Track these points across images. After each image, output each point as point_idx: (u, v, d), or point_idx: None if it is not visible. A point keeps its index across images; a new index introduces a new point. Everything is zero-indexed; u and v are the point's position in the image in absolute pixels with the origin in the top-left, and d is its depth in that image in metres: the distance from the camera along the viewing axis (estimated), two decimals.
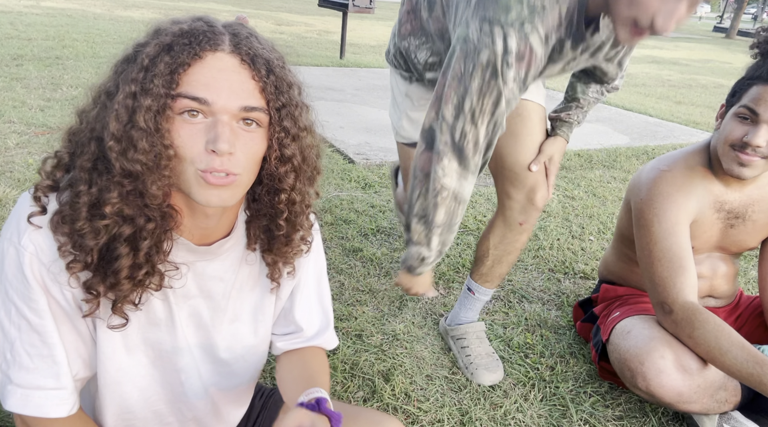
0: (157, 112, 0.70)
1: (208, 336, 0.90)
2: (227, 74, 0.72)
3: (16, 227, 0.73)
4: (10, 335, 0.76)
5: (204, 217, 0.80)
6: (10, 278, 0.74)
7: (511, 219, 1.59)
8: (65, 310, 0.77)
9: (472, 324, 1.79)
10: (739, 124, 1.40)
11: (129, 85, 0.70)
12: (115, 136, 0.70)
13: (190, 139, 0.71)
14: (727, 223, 1.57)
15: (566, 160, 3.90)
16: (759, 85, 1.37)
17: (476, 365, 1.68)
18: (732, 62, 13.00)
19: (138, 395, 0.88)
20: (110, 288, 0.74)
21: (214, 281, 0.87)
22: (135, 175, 0.71)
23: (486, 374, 1.66)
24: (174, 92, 0.70)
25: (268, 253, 0.90)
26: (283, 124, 0.77)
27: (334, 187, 2.99)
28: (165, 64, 0.70)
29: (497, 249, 1.65)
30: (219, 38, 0.73)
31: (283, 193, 0.82)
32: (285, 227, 0.86)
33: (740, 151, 1.40)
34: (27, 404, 0.77)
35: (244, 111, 0.73)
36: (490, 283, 1.73)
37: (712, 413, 1.45)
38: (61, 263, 0.73)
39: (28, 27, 7.09)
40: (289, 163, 0.80)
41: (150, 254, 0.74)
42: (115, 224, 0.71)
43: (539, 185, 1.54)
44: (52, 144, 3.07)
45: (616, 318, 1.63)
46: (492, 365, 1.69)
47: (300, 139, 0.80)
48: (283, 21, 11.61)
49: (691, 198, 1.51)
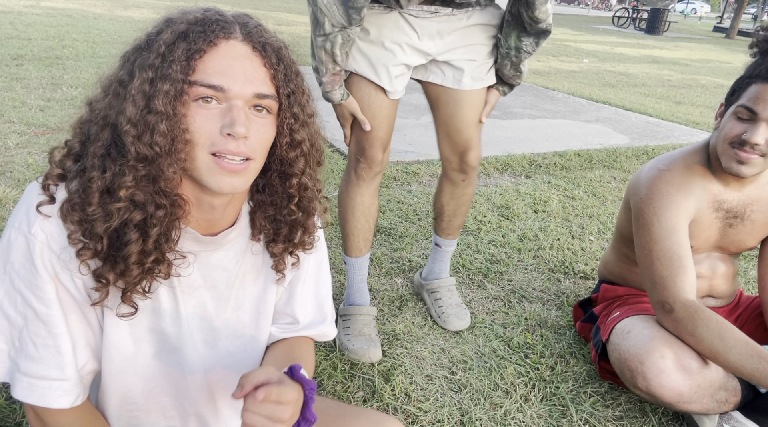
0: (175, 97, 0.71)
1: (212, 327, 0.91)
2: (241, 62, 0.74)
3: (25, 216, 0.74)
4: (17, 324, 0.76)
5: (210, 208, 0.82)
6: (17, 268, 0.74)
7: (453, 177, 1.81)
8: (75, 298, 0.77)
9: (445, 279, 2.02)
10: (738, 122, 1.41)
11: (146, 71, 0.72)
12: (132, 121, 0.71)
13: (206, 123, 0.73)
14: (725, 222, 1.57)
15: (566, 160, 3.90)
16: (757, 84, 1.37)
17: (447, 314, 1.91)
18: (732, 62, 13.00)
19: (142, 385, 0.89)
20: (120, 276, 0.75)
21: (218, 271, 0.88)
22: (150, 160, 0.72)
23: (456, 321, 1.89)
24: (191, 79, 0.72)
25: (273, 243, 0.91)
26: (292, 110, 0.80)
27: (334, 187, 2.99)
28: (182, 51, 0.72)
29: (449, 205, 1.88)
30: (231, 27, 0.76)
31: (294, 178, 0.85)
32: (297, 213, 0.88)
33: (739, 149, 1.41)
34: (31, 394, 0.78)
35: (257, 98, 0.75)
36: (452, 235, 1.97)
37: (712, 413, 1.45)
38: (71, 250, 0.73)
39: (28, 27, 7.09)
40: (299, 148, 0.83)
41: (159, 242, 0.76)
42: (127, 209, 0.72)
43: (471, 147, 1.73)
44: (52, 144, 3.05)
45: (616, 318, 1.63)
46: (461, 314, 1.92)
47: (308, 125, 0.84)
48: (283, 21, 11.61)
49: (690, 197, 1.51)
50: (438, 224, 1.95)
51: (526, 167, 3.69)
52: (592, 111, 5.74)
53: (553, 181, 3.50)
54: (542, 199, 3.16)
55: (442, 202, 1.88)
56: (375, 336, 1.77)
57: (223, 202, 0.82)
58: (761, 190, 1.55)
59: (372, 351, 1.70)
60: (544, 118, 5.21)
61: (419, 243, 2.50)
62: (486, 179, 3.41)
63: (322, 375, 1.62)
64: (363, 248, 1.82)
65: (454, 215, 1.91)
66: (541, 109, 5.61)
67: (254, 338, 0.98)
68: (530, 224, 2.80)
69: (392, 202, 2.89)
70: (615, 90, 6.98)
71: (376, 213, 1.80)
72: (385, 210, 2.79)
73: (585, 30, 18.84)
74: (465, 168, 1.77)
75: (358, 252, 1.83)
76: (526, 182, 3.42)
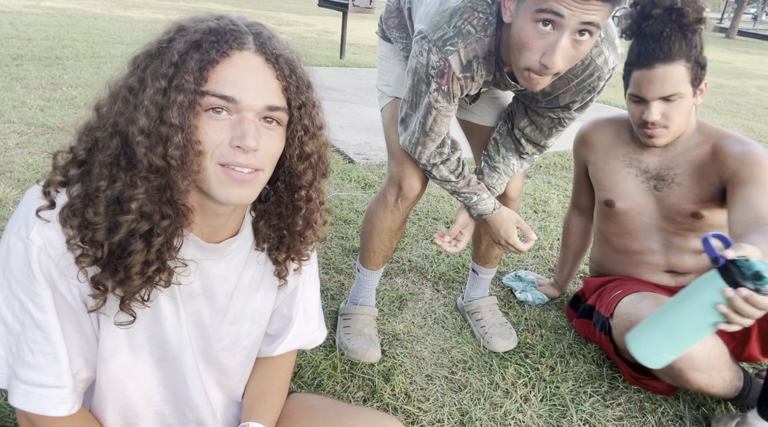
0: (188, 108, 0.71)
1: (205, 335, 0.90)
2: (253, 73, 0.74)
3: (24, 221, 0.73)
4: (15, 331, 0.75)
5: (215, 215, 0.81)
6: (15, 273, 0.73)
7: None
8: (71, 305, 0.76)
9: (485, 299, 1.96)
10: (636, 106, 1.58)
11: (159, 80, 0.71)
12: (145, 131, 0.70)
13: (216, 134, 0.72)
14: (650, 185, 1.68)
15: (566, 160, 3.90)
16: (635, 71, 1.53)
17: (491, 334, 1.83)
18: (732, 62, 12.99)
19: (141, 394, 0.88)
20: (119, 284, 0.74)
21: (218, 281, 0.87)
22: (162, 171, 0.71)
23: (500, 342, 1.81)
24: (203, 89, 0.71)
25: (278, 251, 0.91)
26: (303, 122, 0.80)
27: (334, 187, 2.99)
28: (195, 61, 0.71)
29: (486, 234, 1.81)
30: (244, 37, 0.75)
31: (303, 190, 0.85)
32: (301, 224, 0.88)
33: (645, 128, 1.58)
34: (28, 401, 0.77)
35: (269, 110, 0.75)
36: (489, 264, 1.93)
37: (715, 391, 1.46)
38: (70, 256, 0.72)
39: (28, 27, 7.09)
40: (308, 161, 0.83)
41: (161, 251, 0.75)
42: (135, 220, 0.72)
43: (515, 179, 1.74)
44: (52, 144, 3.07)
45: (618, 295, 1.66)
46: (505, 333, 1.84)
47: (317, 137, 0.83)
48: (283, 21, 11.61)
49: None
50: (475, 251, 1.93)
51: None
52: (592, 111, 5.74)
53: (553, 181, 3.50)
54: (542, 199, 3.16)
55: (481, 231, 1.84)
56: (375, 336, 1.77)
57: (228, 209, 0.81)
58: (687, 155, 1.62)
59: (372, 351, 1.70)
60: None
61: (419, 243, 2.50)
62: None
63: (322, 375, 1.62)
64: (381, 263, 1.81)
65: (491, 245, 1.86)
66: None
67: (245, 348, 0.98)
68: (530, 224, 2.80)
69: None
70: (615, 90, 6.97)
71: (401, 233, 1.78)
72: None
73: None
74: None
75: (376, 267, 1.81)
76: (526, 182, 3.42)
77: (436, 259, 2.37)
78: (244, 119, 0.73)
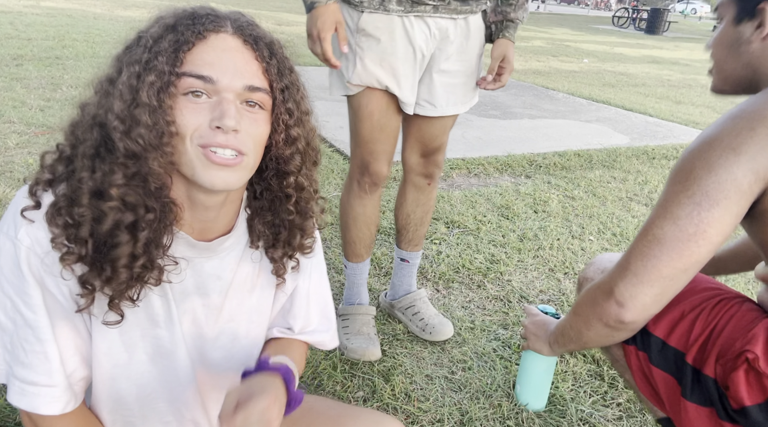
0: (161, 89, 0.70)
1: (201, 334, 0.90)
2: (231, 54, 0.73)
3: (12, 221, 0.73)
4: (8, 329, 0.76)
5: (204, 209, 0.80)
6: (5, 273, 0.73)
7: (418, 182, 1.77)
8: (62, 304, 0.76)
9: (417, 292, 1.94)
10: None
11: (133, 65, 0.71)
12: (119, 116, 0.70)
13: (194, 116, 0.71)
14: None
15: (566, 160, 3.90)
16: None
17: (432, 325, 1.83)
18: None
19: (136, 392, 0.88)
20: (106, 282, 0.73)
21: (211, 279, 0.87)
22: (138, 155, 0.70)
23: (443, 329, 1.82)
24: (179, 71, 0.70)
25: (273, 249, 0.90)
26: (287, 105, 0.79)
27: (334, 187, 2.99)
28: (169, 42, 0.71)
29: (416, 213, 1.82)
30: (222, 21, 0.75)
31: (291, 176, 0.84)
32: (294, 214, 0.87)
33: None
34: (22, 399, 0.77)
35: (248, 91, 0.73)
36: (418, 246, 1.91)
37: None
38: (55, 254, 0.72)
39: (28, 27, 7.09)
40: (294, 145, 0.82)
41: (148, 246, 0.74)
42: (119, 209, 0.71)
43: (441, 149, 1.71)
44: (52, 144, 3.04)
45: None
46: (444, 322, 1.85)
47: (304, 122, 0.82)
48: (283, 21, 11.61)
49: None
50: (403, 236, 1.88)
51: (526, 167, 3.69)
52: (592, 111, 5.74)
53: (553, 181, 3.50)
54: (542, 200, 3.16)
55: (407, 211, 1.82)
56: (374, 335, 1.77)
57: (217, 202, 0.80)
58: None
59: (371, 350, 1.70)
60: (544, 118, 5.21)
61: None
62: (486, 179, 3.41)
63: (322, 375, 1.62)
64: (364, 254, 1.82)
65: (421, 223, 1.85)
66: (541, 109, 5.61)
67: (243, 347, 0.97)
68: (530, 224, 2.80)
69: (392, 203, 2.88)
70: (615, 90, 6.98)
71: (378, 220, 1.79)
72: (385, 210, 2.79)
73: (585, 30, 18.84)
74: (432, 170, 1.74)
75: (359, 258, 1.82)
76: (526, 182, 3.42)
77: (436, 259, 2.37)
78: (223, 100, 0.71)
